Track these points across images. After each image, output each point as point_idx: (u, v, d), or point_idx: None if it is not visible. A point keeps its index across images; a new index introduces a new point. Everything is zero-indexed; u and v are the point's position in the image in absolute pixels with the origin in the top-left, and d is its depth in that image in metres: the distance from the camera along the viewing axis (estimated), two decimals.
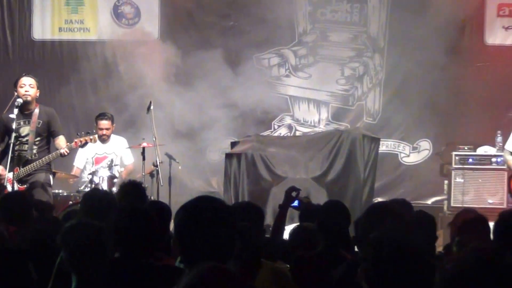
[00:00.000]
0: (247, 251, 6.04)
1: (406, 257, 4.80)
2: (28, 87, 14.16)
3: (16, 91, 14.26)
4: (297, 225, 9.66)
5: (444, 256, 8.29)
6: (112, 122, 15.76)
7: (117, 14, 18.57)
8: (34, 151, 14.31)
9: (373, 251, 4.82)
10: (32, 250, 6.16)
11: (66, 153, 14.19)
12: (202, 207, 5.24)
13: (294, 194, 10.29)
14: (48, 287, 6.25)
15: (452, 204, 15.56)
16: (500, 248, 6.99)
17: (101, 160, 15.37)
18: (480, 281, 2.89)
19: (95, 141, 14.64)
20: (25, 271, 5.52)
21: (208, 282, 3.62)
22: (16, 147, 14.09)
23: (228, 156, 16.64)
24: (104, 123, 15.54)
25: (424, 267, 4.82)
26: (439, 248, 9.61)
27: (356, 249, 7.18)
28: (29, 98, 14.10)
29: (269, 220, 12.26)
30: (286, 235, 9.98)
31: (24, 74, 14.58)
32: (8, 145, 14.14)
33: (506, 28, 18.25)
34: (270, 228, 10.71)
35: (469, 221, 8.55)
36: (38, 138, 14.33)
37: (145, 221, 7.02)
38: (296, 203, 10.34)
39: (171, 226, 8.52)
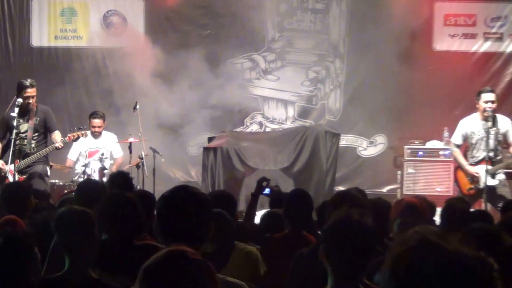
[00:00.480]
0: (221, 234, 6.07)
1: (358, 236, 4.94)
2: (31, 98, 14.31)
3: (19, 95, 14.29)
4: (267, 211, 9.91)
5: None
6: (103, 120, 15.84)
7: (106, 23, 18.58)
8: (33, 145, 14.41)
9: (330, 233, 4.99)
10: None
11: (60, 147, 14.43)
12: (180, 195, 5.30)
13: (264, 183, 10.51)
14: (43, 269, 6.21)
15: (404, 192, 15.60)
16: (444, 229, 7.10)
17: (93, 154, 15.39)
18: (422, 259, 2.72)
19: (86, 136, 14.88)
20: (33, 254, 5.43)
21: (164, 264, 3.60)
22: (17, 142, 14.18)
23: (206, 150, 16.73)
24: (96, 121, 15.65)
25: (374, 244, 5.01)
26: None
27: (319, 232, 7.26)
28: (30, 106, 14.31)
29: (242, 206, 12.34)
30: (257, 220, 10.16)
31: (28, 85, 14.49)
32: (9, 141, 14.24)
33: (452, 36, 18.42)
34: (243, 214, 10.79)
35: (412, 205, 8.27)
36: (36, 134, 14.47)
37: (130, 207, 7.06)
38: (267, 191, 10.63)
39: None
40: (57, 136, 14.47)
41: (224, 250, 6.29)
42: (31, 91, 14.33)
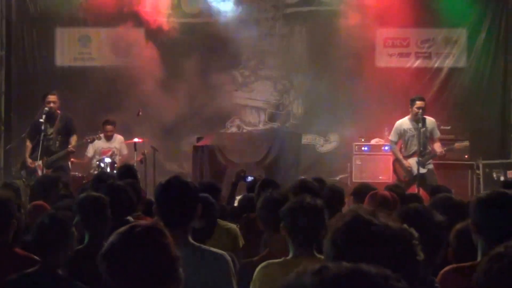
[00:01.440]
0: (207, 213, 6.08)
1: (310, 214, 5.27)
2: (52, 103, 14.50)
3: (44, 103, 14.51)
4: (244, 195, 9.97)
5: None
6: (114, 126, 15.89)
7: (116, 49, 18.46)
8: (57, 145, 14.62)
9: (288, 212, 5.30)
10: None
11: (73, 150, 14.83)
12: (174, 183, 5.40)
13: (242, 174, 10.64)
14: None
15: (353, 180, 15.63)
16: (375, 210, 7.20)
17: (106, 152, 15.48)
18: (354, 231, 2.82)
19: (100, 139, 15.38)
20: (70, 231, 5.56)
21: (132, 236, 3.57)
22: (44, 143, 14.26)
23: (195, 147, 16.71)
24: (109, 127, 15.78)
25: (323, 220, 5.26)
26: None
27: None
28: (52, 110, 14.44)
29: (224, 192, 12.33)
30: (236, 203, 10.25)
31: (49, 93, 14.82)
32: (38, 142, 14.23)
33: (390, 55, 18.47)
34: (225, 198, 10.83)
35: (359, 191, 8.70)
36: (59, 136, 14.62)
37: (120, 192, 7.30)
38: (249, 179, 10.83)
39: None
40: (73, 139, 14.72)
41: (209, 226, 6.33)
42: (52, 98, 14.67)
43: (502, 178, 15.49)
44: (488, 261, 2.90)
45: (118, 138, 16.01)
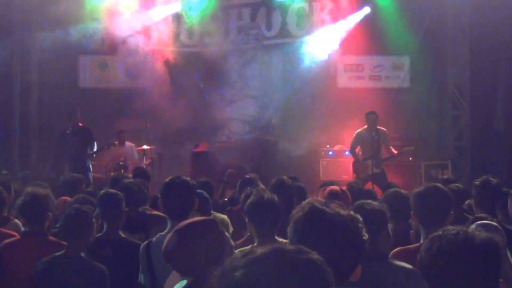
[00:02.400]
0: (201, 206, 6.33)
1: (268, 208, 5.29)
2: (75, 118, 14.52)
3: (69, 118, 14.51)
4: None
5: None
6: (126, 135, 15.86)
7: (129, 74, 18.47)
8: (79, 151, 14.32)
9: (250, 206, 5.36)
10: None
11: (93, 155, 14.73)
12: (175, 182, 5.55)
13: (233, 173, 10.71)
14: None
15: (321, 179, 15.49)
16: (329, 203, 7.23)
17: (120, 157, 15.28)
18: (311, 219, 2.98)
19: (115, 146, 14.95)
20: (91, 222, 5.72)
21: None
22: (69, 149, 14.17)
23: (193, 153, 16.86)
24: (122, 136, 15.67)
25: (279, 213, 5.31)
26: None
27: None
28: (76, 123, 14.43)
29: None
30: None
31: (73, 109, 14.75)
32: (65, 148, 14.26)
33: (349, 78, 18.57)
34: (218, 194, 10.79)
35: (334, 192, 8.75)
36: (81, 144, 14.37)
37: (132, 189, 7.44)
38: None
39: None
40: (94, 146, 14.57)
41: (204, 217, 6.32)
42: (76, 113, 14.55)
43: (439, 176, 15.54)
44: (428, 242, 2.92)
45: (130, 145, 15.91)
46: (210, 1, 18.16)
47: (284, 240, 4.80)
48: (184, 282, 3.46)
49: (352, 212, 3.14)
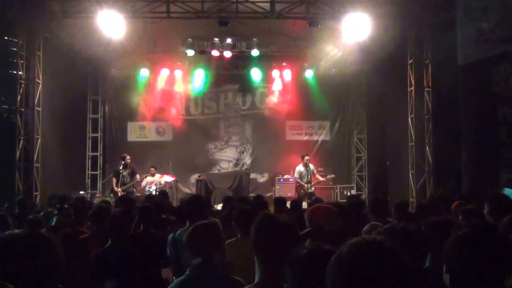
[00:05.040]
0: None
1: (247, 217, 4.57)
2: (126, 160, 14.42)
3: (122, 160, 14.41)
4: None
5: None
6: (155, 168, 15.34)
7: (157, 131, 18.40)
8: (128, 180, 14.31)
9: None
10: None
11: (138, 180, 14.38)
12: (195, 197, 5.34)
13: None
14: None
15: (274, 195, 14.86)
16: (279, 212, 7.11)
17: (152, 183, 14.93)
18: (266, 226, 2.59)
19: (148, 176, 14.92)
20: (130, 225, 5.40)
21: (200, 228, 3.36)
22: (122, 179, 14.14)
23: (197, 181, 16.67)
24: (153, 170, 15.18)
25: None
26: None
27: None
28: (126, 163, 14.37)
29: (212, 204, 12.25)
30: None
31: (124, 155, 14.72)
32: (118, 179, 14.19)
33: (293, 134, 18.30)
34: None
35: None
36: (129, 176, 14.34)
37: (157, 203, 7.23)
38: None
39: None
40: (137, 177, 14.31)
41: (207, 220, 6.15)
42: (126, 157, 14.45)
43: (348, 193, 15.24)
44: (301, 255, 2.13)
45: (158, 175, 15.45)
46: (207, 87, 17.97)
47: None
48: (199, 260, 3.18)
49: (291, 219, 2.89)
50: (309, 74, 17.74)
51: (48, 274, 1.60)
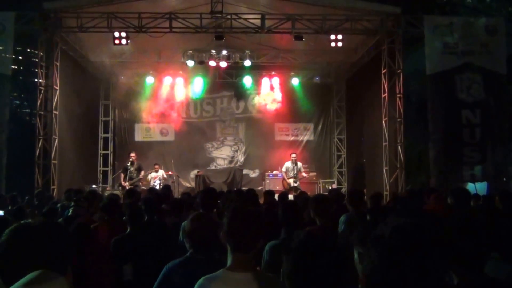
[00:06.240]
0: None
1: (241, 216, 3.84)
2: (133, 157, 14.28)
3: (129, 157, 14.32)
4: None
5: None
6: (159, 165, 15.16)
7: (161, 132, 18.16)
8: (134, 175, 14.16)
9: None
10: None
11: (142, 178, 14.22)
12: (209, 189, 5.31)
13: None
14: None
15: (264, 189, 14.59)
16: (269, 203, 7.03)
17: (155, 178, 14.74)
18: (233, 220, 2.43)
19: (152, 172, 14.75)
20: (140, 213, 5.07)
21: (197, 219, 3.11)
22: (129, 175, 14.02)
23: (196, 176, 16.40)
24: (157, 166, 14.96)
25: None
26: None
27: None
28: (133, 160, 14.19)
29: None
30: None
31: (131, 152, 14.68)
32: (126, 174, 14.08)
33: (281, 134, 18.15)
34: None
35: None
36: (136, 171, 14.21)
37: (159, 195, 7.30)
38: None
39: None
40: (142, 173, 14.21)
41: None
42: (133, 155, 14.32)
43: (329, 187, 15.18)
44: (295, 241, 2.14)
45: (161, 171, 15.14)
46: (205, 93, 17.88)
47: None
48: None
49: (263, 208, 2.61)
50: (295, 81, 17.82)
51: (60, 259, 1.58)
